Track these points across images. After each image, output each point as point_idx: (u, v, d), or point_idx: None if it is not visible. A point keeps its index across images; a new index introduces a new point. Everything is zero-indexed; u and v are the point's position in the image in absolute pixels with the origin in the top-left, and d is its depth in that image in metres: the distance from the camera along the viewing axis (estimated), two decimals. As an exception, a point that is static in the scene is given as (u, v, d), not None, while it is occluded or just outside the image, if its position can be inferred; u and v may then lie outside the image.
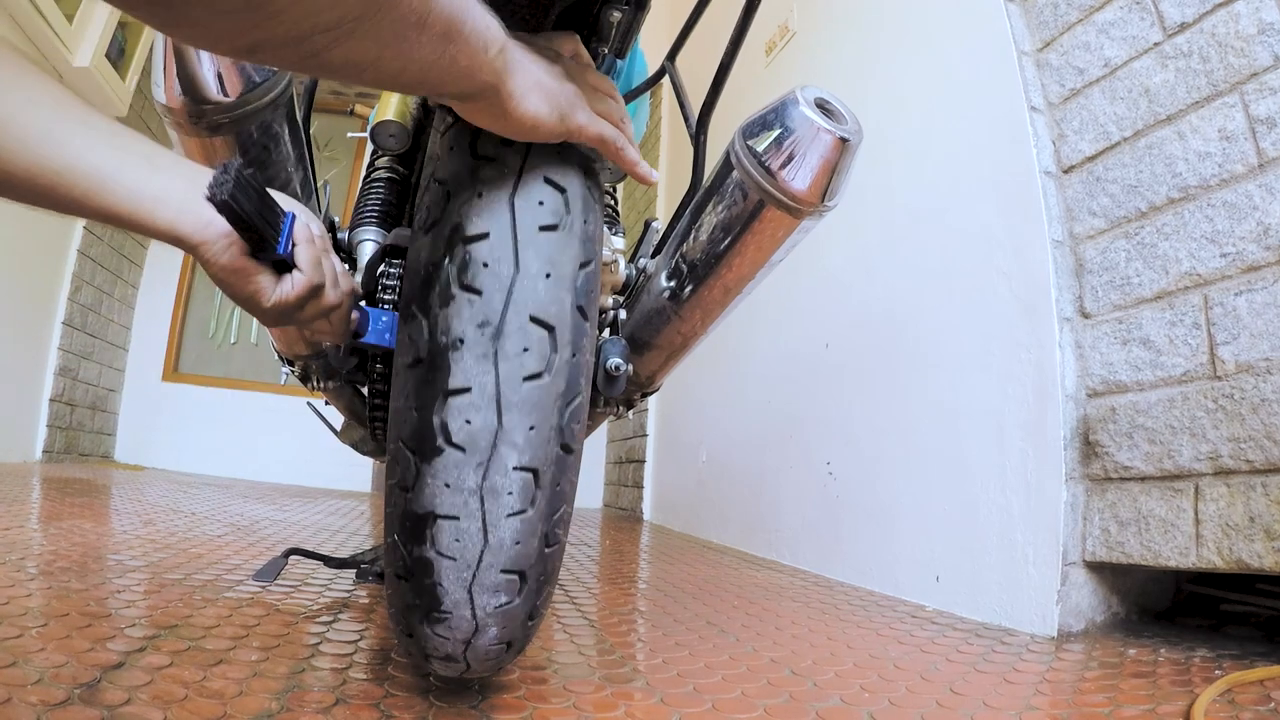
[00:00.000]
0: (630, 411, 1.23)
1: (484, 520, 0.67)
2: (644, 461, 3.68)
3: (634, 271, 1.09)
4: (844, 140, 0.85)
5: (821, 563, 2.03)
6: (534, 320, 0.68)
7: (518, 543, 0.69)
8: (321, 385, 1.17)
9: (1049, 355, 1.40)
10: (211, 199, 0.59)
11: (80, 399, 3.92)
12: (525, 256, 0.68)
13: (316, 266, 0.70)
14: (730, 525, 2.64)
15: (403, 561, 0.70)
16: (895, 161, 1.88)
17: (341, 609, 1.20)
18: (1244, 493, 1.13)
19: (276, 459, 4.44)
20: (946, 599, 1.54)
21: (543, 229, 0.69)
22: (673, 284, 0.99)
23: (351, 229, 1.03)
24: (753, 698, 0.91)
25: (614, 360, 0.95)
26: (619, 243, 1.13)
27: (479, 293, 0.67)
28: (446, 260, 0.69)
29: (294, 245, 0.68)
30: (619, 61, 0.89)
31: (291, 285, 0.68)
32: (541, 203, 0.70)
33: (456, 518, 0.67)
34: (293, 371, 1.20)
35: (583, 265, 0.72)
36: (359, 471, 4.23)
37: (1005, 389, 1.48)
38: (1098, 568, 1.35)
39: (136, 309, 4.52)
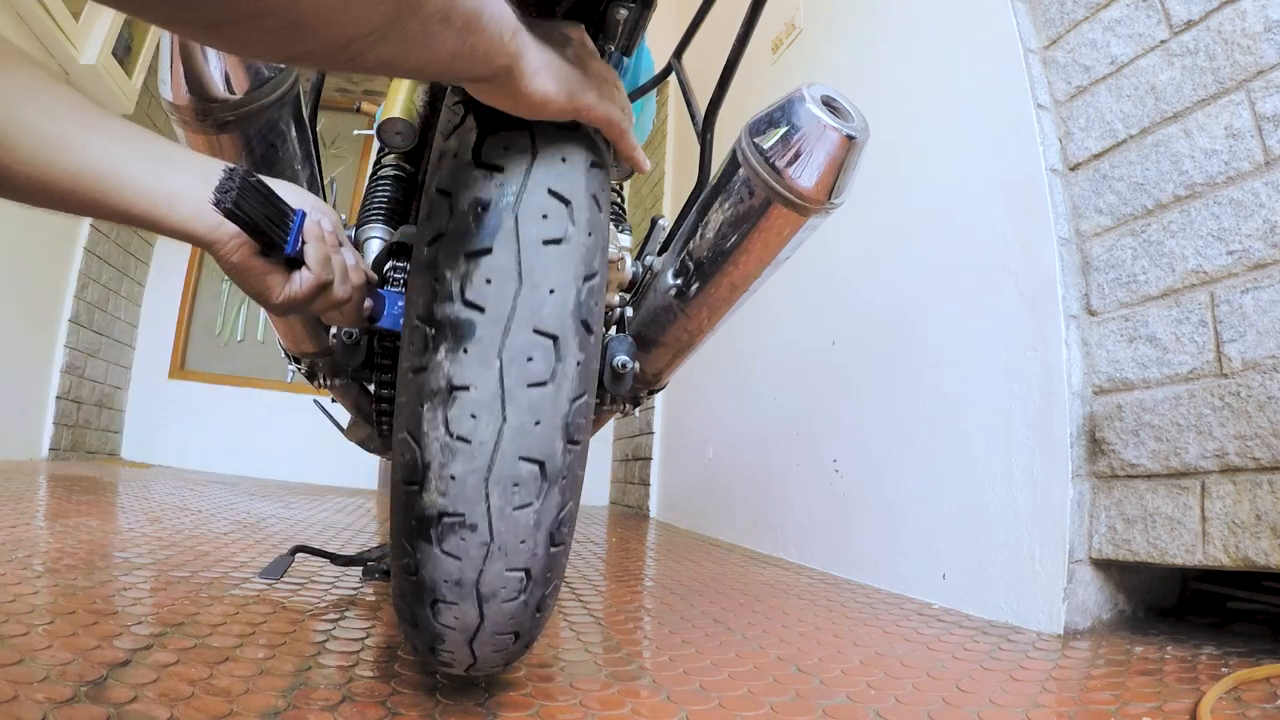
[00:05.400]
0: (637, 409, 1.23)
1: (490, 516, 0.67)
2: (650, 459, 3.68)
3: (640, 269, 1.09)
4: (850, 138, 0.85)
5: (828, 560, 2.03)
6: (538, 332, 0.68)
7: (523, 541, 0.69)
8: (328, 383, 1.18)
9: (1055, 353, 1.40)
10: (217, 205, 0.61)
11: (87, 396, 3.93)
12: (529, 271, 0.68)
13: (325, 264, 0.72)
14: (737, 523, 2.64)
15: (408, 557, 0.70)
16: (902, 159, 1.87)
17: (348, 606, 1.20)
18: (1250, 490, 1.13)
19: (283, 456, 4.45)
20: (953, 596, 1.54)
21: (546, 243, 0.69)
22: (679, 281, 0.99)
23: (358, 226, 1.03)
24: (759, 695, 0.91)
25: (620, 358, 0.95)
26: (625, 240, 1.12)
27: (482, 309, 0.67)
28: (449, 274, 0.69)
29: (303, 243, 0.69)
30: (625, 59, 0.89)
31: (300, 282, 0.70)
32: (545, 216, 0.69)
33: (462, 513, 0.67)
34: (299, 369, 1.20)
35: (587, 279, 0.71)
36: (365, 469, 4.24)
37: (1011, 386, 1.47)
38: (1104, 565, 1.35)
39: (143, 306, 4.53)
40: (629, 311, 1.06)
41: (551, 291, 0.69)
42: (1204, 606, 1.47)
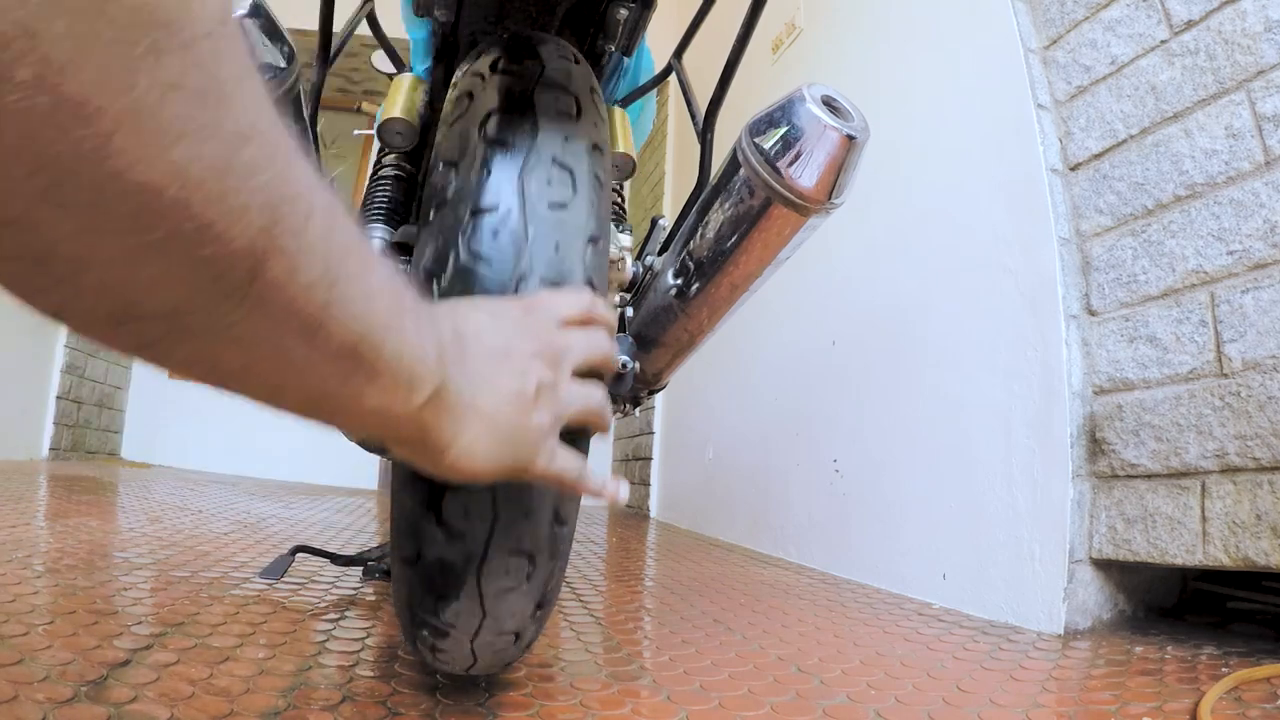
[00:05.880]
0: (637, 409, 1.23)
1: (491, 517, 0.67)
2: (650, 459, 3.68)
3: (640, 269, 1.09)
4: (851, 138, 0.85)
5: (828, 560, 2.03)
6: (545, 283, 0.68)
7: (524, 538, 0.69)
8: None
9: (1055, 353, 1.40)
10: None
11: (87, 396, 3.93)
12: (535, 228, 0.69)
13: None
14: (737, 523, 2.64)
15: (408, 556, 0.70)
16: (902, 159, 1.87)
17: (348, 606, 1.20)
18: (1251, 490, 1.13)
19: (283, 456, 4.45)
20: (953, 596, 1.54)
21: (551, 206, 0.70)
22: (679, 281, 0.99)
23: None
24: (759, 695, 0.91)
25: (621, 358, 0.95)
26: (626, 240, 1.12)
27: (489, 260, 0.68)
28: (457, 232, 0.69)
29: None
30: (625, 59, 0.89)
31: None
32: (550, 182, 0.71)
33: (463, 512, 0.67)
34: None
35: (591, 240, 0.72)
36: (365, 469, 4.24)
37: (1012, 386, 1.47)
38: (1104, 565, 1.35)
39: (143, 306, 4.52)
40: (629, 311, 1.06)
41: (557, 248, 0.70)
42: (1204, 606, 1.47)
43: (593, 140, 0.77)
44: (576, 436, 0.68)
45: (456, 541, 0.68)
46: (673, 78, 1.10)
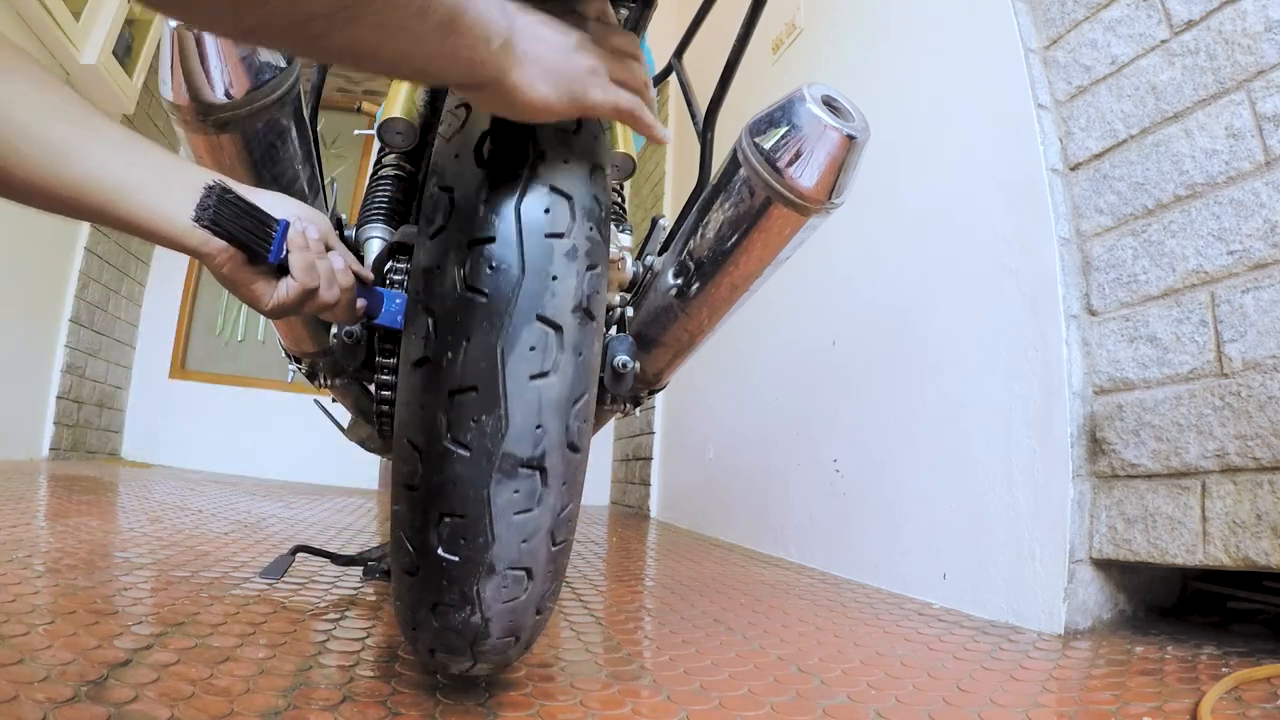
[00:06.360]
0: (637, 409, 1.23)
1: (491, 517, 0.67)
2: (651, 459, 3.68)
3: (641, 269, 1.09)
4: (851, 138, 0.85)
5: (828, 560, 2.03)
6: (540, 319, 0.68)
7: (524, 540, 0.69)
8: (328, 382, 1.18)
9: (1056, 352, 1.40)
10: (197, 222, 0.65)
11: (87, 396, 3.93)
12: (531, 260, 0.68)
13: (309, 271, 0.73)
14: (737, 523, 2.64)
15: (409, 557, 0.70)
16: (902, 159, 1.87)
17: (348, 606, 1.20)
18: (1251, 490, 1.13)
19: (283, 456, 4.45)
20: (953, 596, 1.54)
21: (549, 236, 0.69)
22: (680, 281, 0.99)
23: (358, 226, 1.03)
24: (760, 695, 0.91)
25: (621, 358, 0.95)
26: (626, 240, 1.12)
27: (485, 294, 0.67)
28: (452, 264, 0.69)
29: (287, 252, 0.72)
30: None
31: (286, 290, 0.73)
32: (547, 210, 0.70)
33: (463, 515, 0.67)
34: (300, 369, 1.20)
35: (589, 268, 0.72)
36: (366, 469, 4.24)
37: (1012, 386, 1.47)
38: (1105, 565, 1.35)
39: (144, 306, 4.52)
40: (629, 311, 1.06)
41: (554, 279, 0.69)
42: (1204, 606, 1.47)
43: (591, 150, 0.76)
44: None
45: (457, 542, 0.68)
46: (673, 77, 1.11)
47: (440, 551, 0.68)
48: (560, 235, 0.70)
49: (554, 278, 0.69)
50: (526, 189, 0.70)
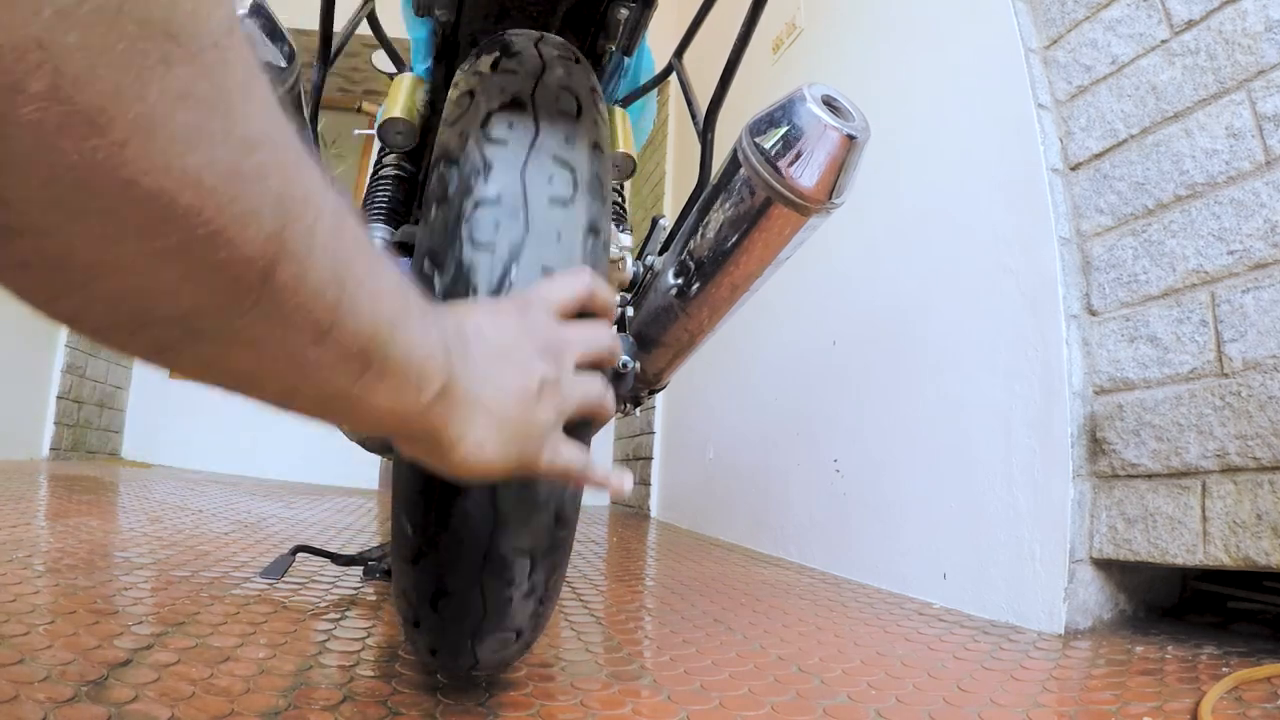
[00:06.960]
0: (638, 409, 1.23)
1: (492, 514, 0.67)
2: (651, 459, 3.68)
3: (641, 269, 1.09)
4: (851, 137, 0.85)
5: (829, 560, 2.03)
6: (546, 272, 0.69)
7: (525, 536, 0.69)
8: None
9: (1056, 352, 1.40)
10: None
11: (88, 396, 3.93)
12: (535, 220, 0.70)
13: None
14: (737, 523, 2.64)
15: (409, 555, 0.70)
16: (902, 159, 1.87)
17: (349, 606, 1.20)
18: (1251, 490, 1.13)
19: (284, 456, 4.44)
20: (953, 596, 1.54)
21: (552, 201, 0.71)
22: (680, 281, 0.99)
23: (358, 226, 1.03)
24: (760, 695, 0.91)
25: (621, 357, 0.95)
26: (626, 240, 1.12)
27: (490, 249, 0.68)
28: (458, 224, 0.70)
29: None
30: (626, 59, 0.89)
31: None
32: (551, 178, 0.72)
33: (465, 512, 0.67)
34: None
35: (591, 232, 0.73)
36: (366, 469, 4.24)
37: (1012, 386, 1.47)
38: (1105, 565, 1.35)
39: (144, 306, 4.52)
40: (629, 311, 1.06)
41: (559, 238, 0.71)
42: (1204, 606, 1.47)
43: (593, 139, 0.77)
44: (579, 428, 0.69)
45: (457, 543, 0.68)
46: (673, 77, 1.10)
47: (440, 545, 0.68)
48: (563, 201, 0.72)
49: (559, 237, 0.71)
50: (530, 157, 0.72)
